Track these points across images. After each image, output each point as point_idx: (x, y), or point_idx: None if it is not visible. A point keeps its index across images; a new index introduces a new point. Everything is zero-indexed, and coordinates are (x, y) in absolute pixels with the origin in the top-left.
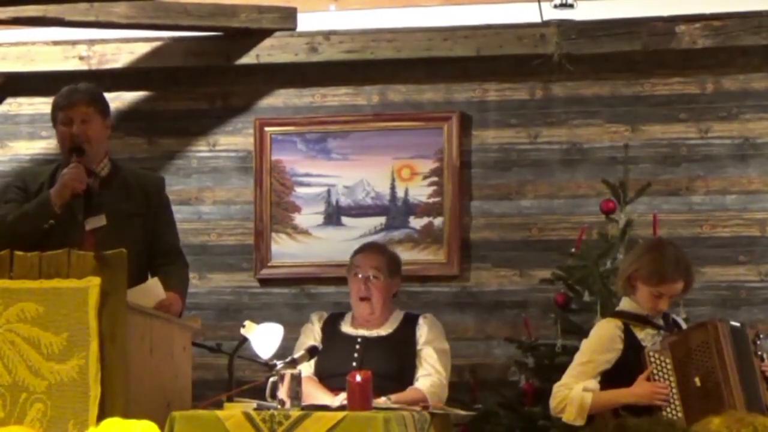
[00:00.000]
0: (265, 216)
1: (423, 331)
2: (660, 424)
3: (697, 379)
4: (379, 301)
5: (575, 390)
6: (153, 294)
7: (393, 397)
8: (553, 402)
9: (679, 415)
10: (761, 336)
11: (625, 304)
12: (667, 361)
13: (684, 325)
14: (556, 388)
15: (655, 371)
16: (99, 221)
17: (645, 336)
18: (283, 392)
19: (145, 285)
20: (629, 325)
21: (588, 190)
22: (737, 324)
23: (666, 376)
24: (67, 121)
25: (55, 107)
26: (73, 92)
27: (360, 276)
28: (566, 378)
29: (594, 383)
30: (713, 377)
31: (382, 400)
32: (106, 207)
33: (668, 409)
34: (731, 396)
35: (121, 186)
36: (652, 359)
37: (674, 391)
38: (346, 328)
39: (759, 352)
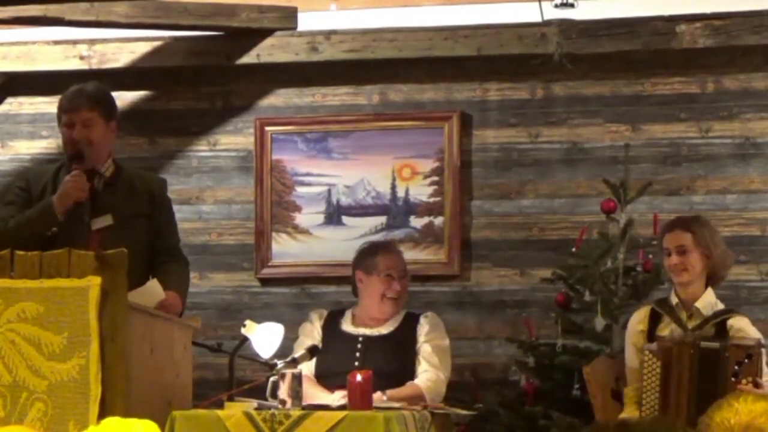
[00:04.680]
0: (265, 215)
1: (424, 329)
2: (661, 424)
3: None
4: (404, 301)
5: None
6: (152, 295)
7: (389, 392)
8: None
9: None
10: (752, 356)
11: (672, 294)
12: (658, 364)
13: (743, 327)
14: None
15: (645, 370)
16: (105, 221)
17: (671, 332)
18: (283, 392)
19: (144, 287)
20: (661, 317)
21: (588, 190)
22: (715, 345)
23: (653, 379)
24: (69, 124)
25: (59, 108)
26: (77, 95)
27: (394, 276)
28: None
29: None
30: (657, 396)
31: (377, 395)
32: (112, 207)
33: (647, 413)
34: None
35: (125, 187)
36: (646, 358)
37: (656, 395)
38: (347, 326)
39: (740, 375)
